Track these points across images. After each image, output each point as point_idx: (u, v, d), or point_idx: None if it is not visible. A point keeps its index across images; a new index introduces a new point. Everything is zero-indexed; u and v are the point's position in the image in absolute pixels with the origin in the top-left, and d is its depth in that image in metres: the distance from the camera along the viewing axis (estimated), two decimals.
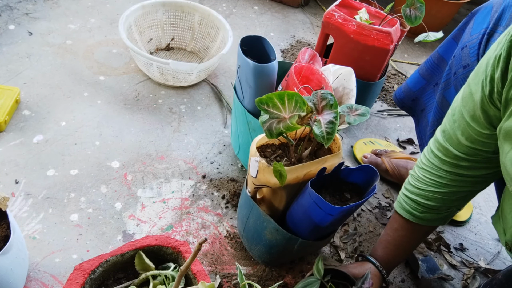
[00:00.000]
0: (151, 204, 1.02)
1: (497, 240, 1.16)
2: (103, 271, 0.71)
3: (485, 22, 0.82)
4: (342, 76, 0.95)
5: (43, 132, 1.11)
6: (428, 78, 1.02)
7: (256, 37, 0.98)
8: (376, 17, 1.22)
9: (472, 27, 0.86)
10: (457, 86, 0.89)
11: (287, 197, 0.83)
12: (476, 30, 0.83)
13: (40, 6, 1.51)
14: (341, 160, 0.80)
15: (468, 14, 0.92)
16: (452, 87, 0.91)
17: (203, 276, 0.70)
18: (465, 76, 0.86)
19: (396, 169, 1.17)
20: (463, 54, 0.86)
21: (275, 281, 0.92)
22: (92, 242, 0.92)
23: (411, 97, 1.08)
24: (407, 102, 1.09)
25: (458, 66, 0.87)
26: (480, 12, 0.86)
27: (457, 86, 0.89)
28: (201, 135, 1.22)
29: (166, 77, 1.28)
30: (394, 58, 1.77)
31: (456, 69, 0.88)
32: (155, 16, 1.42)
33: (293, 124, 0.64)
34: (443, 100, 0.94)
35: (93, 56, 1.38)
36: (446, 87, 0.93)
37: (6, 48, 1.32)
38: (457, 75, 0.88)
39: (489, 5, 0.84)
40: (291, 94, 0.63)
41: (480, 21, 0.84)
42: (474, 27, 0.85)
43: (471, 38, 0.84)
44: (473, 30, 0.84)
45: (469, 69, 0.84)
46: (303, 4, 1.93)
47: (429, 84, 1.03)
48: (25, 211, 0.95)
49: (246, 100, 0.98)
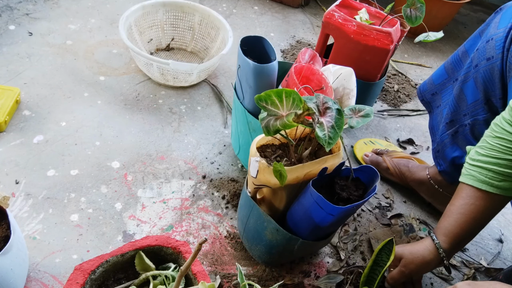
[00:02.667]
0: (151, 204, 1.02)
1: (498, 240, 1.16)
2: (103, 271, 0.71)
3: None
4: (342, 76, 0.95)
5: (43, 132, 1.11)
6: (450, 73, 1.02)
7: (256, 37, 0.98)
8: (376, 17, 1.22)
9: (499, 21, 0.86)
10: (477, 79, 0.89)
11: (287, 197, 0.83)
12: (503, 24, 0.83)
13: (40, 6, 1.51)
14: (341, 160, 0.80)
15: (468, 14, 0.93)
16: (471, 80, 0.91)
17: (203, 276, 0.70)
18: (487, 69, 0.86)
19: (397, 167, 1.18)
20: (488, 46, 0.86)
21: (275, 281, 0.92)
22: (92, 242, 0.92)
23: (432, 91, 1.08)
24: (427, 95, 1.09)
25: (481, 58, 0.87)
26: (509, 7, 0.87)
27: (477, 79, 0.89)
28: (201, 135, 1.22)
29: (166, 77, 1.28)
30: (394, 58, 1.77)
31: (478, 61, 0.88)
32: (155, 17, 1.42)
33: (290, 122, 0.64)
34: (461, 93, 0.94)
35: (93, 56, 1.38)
36: (465, 80, 0.93)
37: (6, 48, 1.32)
38: (479, 67, 0.88)
39: None
40: (288, 91, 0.63)
41: (508, 15, 0.85)
42: (501, 21, 0.85)
43: (497, 31, 0.84)
44: (500, 24, 0.85)
45: (492, 61, 0.84)
46: (303, 4, 1.93)
47: (450, 79, 1.03)
48: (25, 211, 0.95)
49: (246, 100, 0.98)
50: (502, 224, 1.20)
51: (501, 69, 0.83)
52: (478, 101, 0.91)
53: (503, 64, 0.83)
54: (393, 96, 1.56)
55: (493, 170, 0.76)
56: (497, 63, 0.84)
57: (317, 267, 0.98)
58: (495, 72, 0.85)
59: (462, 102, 0.95)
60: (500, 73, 0.84)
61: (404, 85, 1.62)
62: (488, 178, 0.77)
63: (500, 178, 0.76)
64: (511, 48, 0.80)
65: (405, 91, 1.60)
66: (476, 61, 0.89)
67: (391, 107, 1.52)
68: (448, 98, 1.02)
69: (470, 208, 0.79)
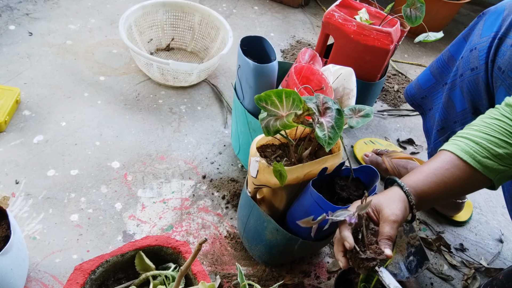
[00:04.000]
0: (151, 204, 1.02)
1: (498, 240, 1.16)
2: (103, 271, 0.71)
3: (495, 25, 0.80)
4: (342, 76, 0.95)
5: (43, 133, 1.11)
6: (437, 77, 1.01)
7: (256, 37, 0.98)
8: (376, 17, 1.22)
9: (482, 28, 0.84)
10: (463, 88, 0.87)
11: (287, 197, 0.83)
12: (486, 33, 0.82)
13: (40, 6, 1.51)
14: (341, 160, 0.80)
15: (468, 14, 0.92)
16: (458, 89, 0.89)
17: (203, 276, 0.70)
18: (472, 79, 0.84)
19: (396, 169, 1.18)
20: (471, 56, 0.84)
21: (275, 281, 0.92)
22: (92, 242, 0.92)
23: (421, 95, 1.06)
24: (417, 99, 1.08)
25: (466, 68, 0.86)
26: (491, 13, 0.85)
27: (463, 88, 0.87)
28: (201, 136, 1.22)
29: (166, 77, 1.28)
30: (394, 58, 1.77)
31: (463, 71, 0.87)
32: (155, 17, 1.42)
33: (290, 122, 0.64)
34: (449, 100, 0.92)
35: (93, 56, 1.38)
36: (452, 88, 0.91)
37: (7, 49, 1.32)
38: (464, 77, 0.86)
39: (501, 7, 0.82)
40: (288, 92, 0.63)
41: (490, 23, 0.82)
42: (484, 29, 0.83)
43: (480, 40, 0.82)
44: (483, 32, 0.83)
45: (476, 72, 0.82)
46: (303, 4, 1.93)
47: (438, 83, 1.01)
48: (25, 211, 0.95)
49: (246, 100, 0.98)
50: (502, 224, 1.20)
51: (486, 80, 0.82)
52: (466, 110, 0.90)
53: (488, 75, 0.81)
54: (393, 96, 1.56)
55: (480, 144, 0.71)
56: (481, 74, 0.82)
57: (317, 267, 0.98)
58: (480, 82, 0.83)
59: (451, 110, 0.94)
60: (485, 84, 0.82)
61: (404, 85, 1.62)
62: (473, 150, 0.71)
63: (484, 154, 0.70)
64: (496, 59, 0.78)
65: None
66: (461, 71, 0.87)
67: (391, 107, 1.52)
68: (439, 102, 1.00)
69: (444, 173, 0.72)
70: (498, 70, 0.78)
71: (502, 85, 0.78)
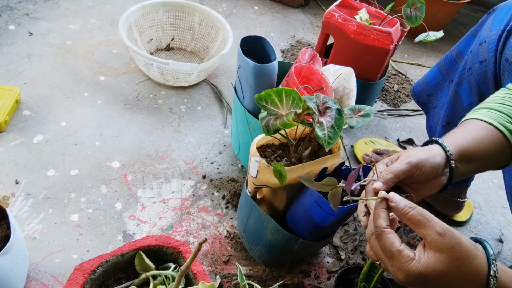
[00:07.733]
0: (151, 204, 1.02)
1: (498, 240, 1.16)
2: (103, 271, 0.71)
3: (505, 19, 0.82)
4: (342, 76, 0.95)
5: (43, 132, 1.11)
6: (445, 74, 1.01)
7: (256, 37, 0.98)
8: (376, 17, 1.22)
9: (492, 23, 0.85)
10: (471, 82, 0.88)
11: (287, 197, 0.83)
12: (496, 27, 0.83)
13: (40, 6, 1.51)
14: (341, 160, 0.80)
15: (468, 14, 0.93)
16: (466, 83, 0.90)
17: (203, 276, 0.70)
18: (480, 72, 0.85)
19: None
20: (480, 49, 0.85)
21: (275, 281, 0.92)
22: (92, 242, 0.92)
23: (427, 92, 1.07)
24: (423, 97, 1.08)
25: (474, 61, 0.87)
26: (501, 9, 0.86)
27: (471, 82, 0.88)
28: (201, 135, 1.22)
29: (166, 77, 1.28)
30: (394, 58, 1.77)
31: (472, 64, 0.87)
32: (155, 17, 1.42)
33: (289, 121, 0.64)
34: (456, 95, 0.93)
35: (93, 56, 1.38)
36: (460, 82, 0.92)
37: (6, 49, 1.32)
38: (472, 70, 0.87)
39: (510, 3, 0.85)
40: (288, 91, 0.63)
41: (500, 17, 0.84)
42: (494, 23, 0.84)
43: (490, 34, 0.83)
44: (493, 26, 0.84)
45: (486, 64, 0.83)
46: (303, 4, 1.93)
47: (445, 80, 1.02)
48: (25, 211, 0.95)
49: (246, 100, 0.98)
50: (502, 224, 1.20)
51: (494, 72, 0.83)
52: (473, 104, 0.90)
53: (496, 67, 0.82)
54: (393, 96, 1.56)
55: (501, 111, 0.68)
56: (490, 66, 0.83)
57: (317, 267, 0.98)
58: (488, 75, 0.84)
59: (458, 105, 0.94)
60: (493, 76, 0.83)
61: (404, 85, 1.62)
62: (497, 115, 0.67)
63: (507, 119, 0.67)
64: (504, 51, 0.80)
65: (405, 91, 1.60)
66: (470, 64, 0.88)
67: (391, 107, 1.52)
68: (444, 100, 1.01)
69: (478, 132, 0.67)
70: (505, 62, 0.79)
71: (509, 76, 0.79)
